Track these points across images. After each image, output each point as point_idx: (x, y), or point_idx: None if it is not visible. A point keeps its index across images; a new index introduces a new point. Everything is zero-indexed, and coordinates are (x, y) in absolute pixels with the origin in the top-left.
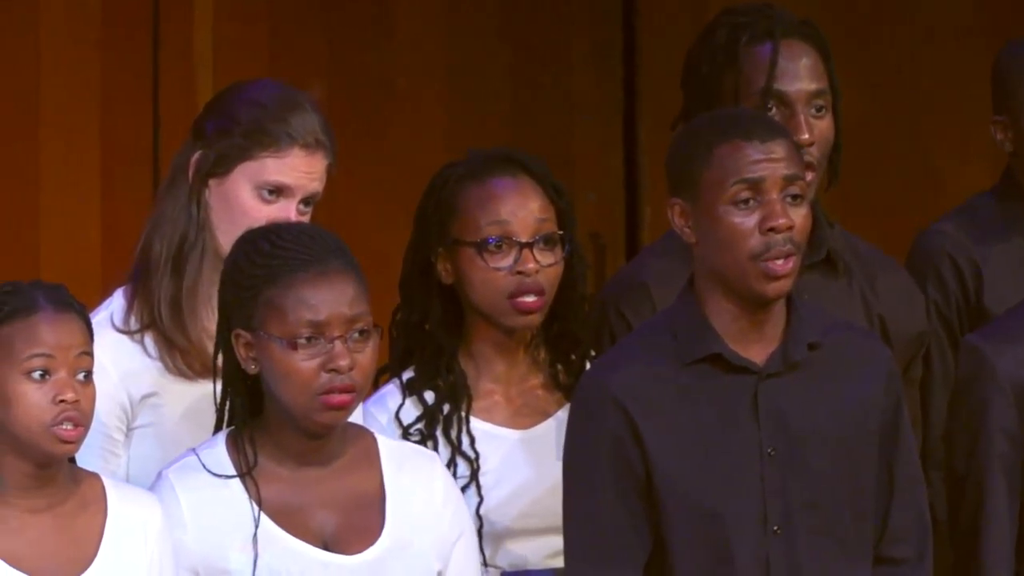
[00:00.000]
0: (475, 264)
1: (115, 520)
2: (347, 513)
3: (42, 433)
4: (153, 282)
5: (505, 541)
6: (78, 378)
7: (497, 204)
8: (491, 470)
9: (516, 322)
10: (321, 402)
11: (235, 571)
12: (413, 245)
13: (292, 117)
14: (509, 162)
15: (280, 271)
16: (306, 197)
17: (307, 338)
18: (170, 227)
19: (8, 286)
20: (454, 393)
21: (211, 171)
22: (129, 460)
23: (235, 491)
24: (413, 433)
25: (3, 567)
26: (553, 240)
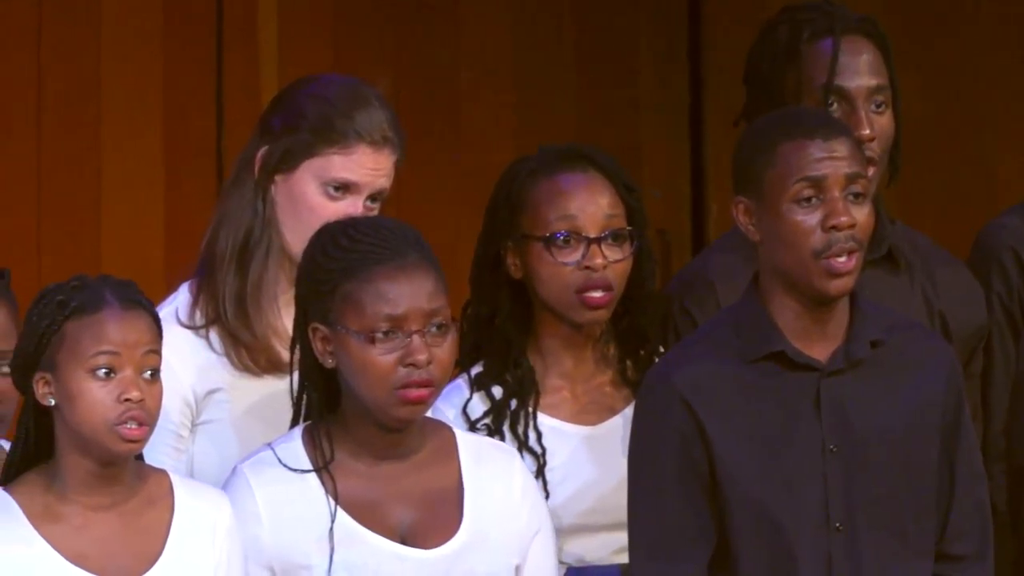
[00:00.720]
0: (543, 259)
1: (182, 517)
2: (425, 507)
3: (106, 432)
4: (218, 278)
5: (570, 537)
6: (144, 376)
7: (566, 199)
8: (557, 466)
9: (583, 317)
10: (399, 396)
11: (311, 566)
12: (483, 239)
13: (359, 113)
14: (579, 157)
15: (358, 265)
16: (373, 194)
17: (385, 332)
18: (235, 223)
19: (76, 280)
20: (522, 388)
21: (277, 167)
22: (193, 456)
23: (311, 486)
24: (480, 428)
25: (66, 566)
26: (622, 236)
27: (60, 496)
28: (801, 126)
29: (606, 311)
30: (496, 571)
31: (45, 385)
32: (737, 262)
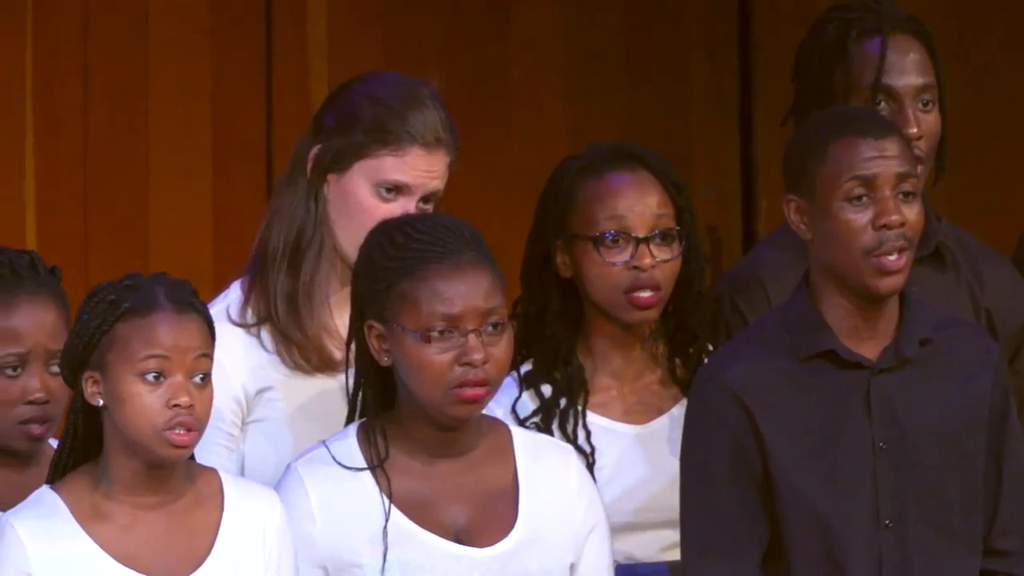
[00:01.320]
0: (592, 258)
1: (232, 516)
2: (480, 505)
3: (153, 436)
4: (270, 276)
5: (619, 535)
6: (195, 380)
7: (615, 199)
8: (606, 465)
9: (632, 317)
10: (454, 396)
11: (364, 565)
12: (533, 237)
13: (412, 115)
14: (628, 157)
15: (414, 263)
16: (426, 195)
17: (441, 331)
18: (287, 221)
19: (129, 279)
20: (571, 387)
21: (330, 166)
22: (244, 455)
23: (366, 484)
24: (529, 427)
25: (114, 565)
26: (671, 236)
27: (108, 495)
28: (852, 125)
29: (655, 311)
30: (550, 570)
31: (94, 385)
32: (787, 260)
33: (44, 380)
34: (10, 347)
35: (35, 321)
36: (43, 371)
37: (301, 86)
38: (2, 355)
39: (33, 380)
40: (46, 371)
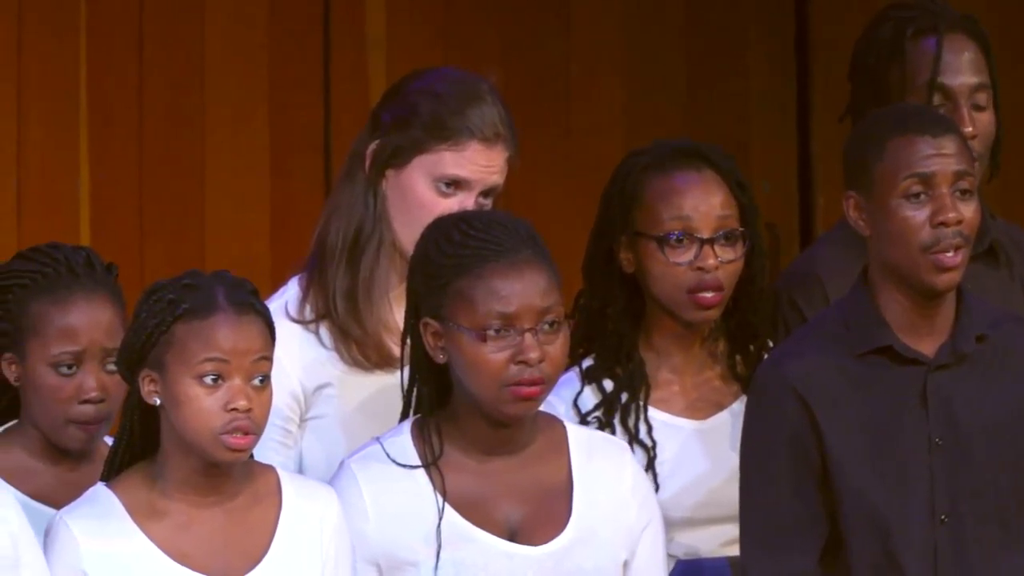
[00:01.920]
0: (656, 257)
1: (289, 514)
2: (534, 503)
3: (210, 440)
4: (329, 272)
5: (679, 530)
6: (254, 383)
7: (680, 198)
8: (667, 460)
9: (694, 317)
10: (510, 394)
11: (417, 563)
12: (596, 233)
13: (471, 110)
14: (695, 156)
15: (471, 261)
16: (485, 190)
17: (497, 330)
18: (346, 217)
19: (188, 278)
20: (633, 382)
21: (388, 162)
22: (302, 451)
23: (420, 481)
24: (591, 421)
25: (169, 563)
26: (734, 236)
27: (164, 493)
28: (911, 122)
29: (716, 311)
30: (603, 567)
31: (151, 384)
32: (844, 257)
33: (100, 379)
34: (66, 345)
35: (91, 319)
36: (99, 369)
37: (359, 82)
38: (57, 353)
39: (88, 378)
40: (102, 369)
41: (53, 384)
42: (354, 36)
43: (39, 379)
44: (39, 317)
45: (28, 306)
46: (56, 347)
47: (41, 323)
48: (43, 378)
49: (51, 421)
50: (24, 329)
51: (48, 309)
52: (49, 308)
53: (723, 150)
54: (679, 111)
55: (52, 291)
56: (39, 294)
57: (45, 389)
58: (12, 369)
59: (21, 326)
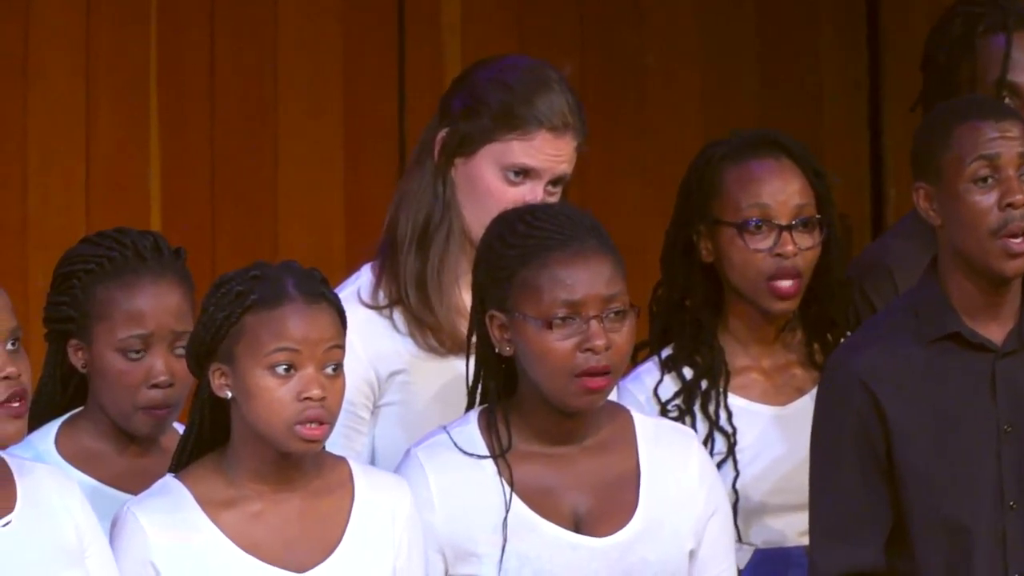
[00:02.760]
0: (735, 244)
1: (362, 505)
2: (601, 493)
3: (284, 431)
4: (399, 260)
5: (759, 517)
6: (326, 371)
7: (759, 186)
8: (748, 446)
9: (772, 305)
10: (578, 386)
11: (482, 554)
12: (675, 222)
13: (539, 99)
14: (772, 144)
15: (535, 251)
16: (554, 179)
17: (563, 318)
18: (415, 205)
19: (256, 269)
20: (712, 369)
21: (457, 150)
22: (375, 438)
23: (487, 472)
24: (671, 409)
25: (240, 555)
26: (812, 224)
27: (235, 484)
28: (974, 109)
29: (794, 301)
30: (669, 558)
31: (221, 377)
32: (914, 248)
33: (168, 362)
34: (134, 329)
35: (159, 303)
36: (167, 353)
37: (434, 72)
38: (125, 337)
39: (157, 363)
40: (170, 353)
41: (121, 369)
42: (429, 25)
43: (107, 364)
44: (106, 302)
45: (95, 291)
46: (123, 331)
47: (108, 308)
48: (111, 363)
49: (120, 407)
50: (91, 314)
51: (115, 293)
52: (116, 292)
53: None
54: (753, 103)
55: (119, 275)
56: (106, 279)
57: (113, 374)
58: (79, 355)
59: (87, 311)
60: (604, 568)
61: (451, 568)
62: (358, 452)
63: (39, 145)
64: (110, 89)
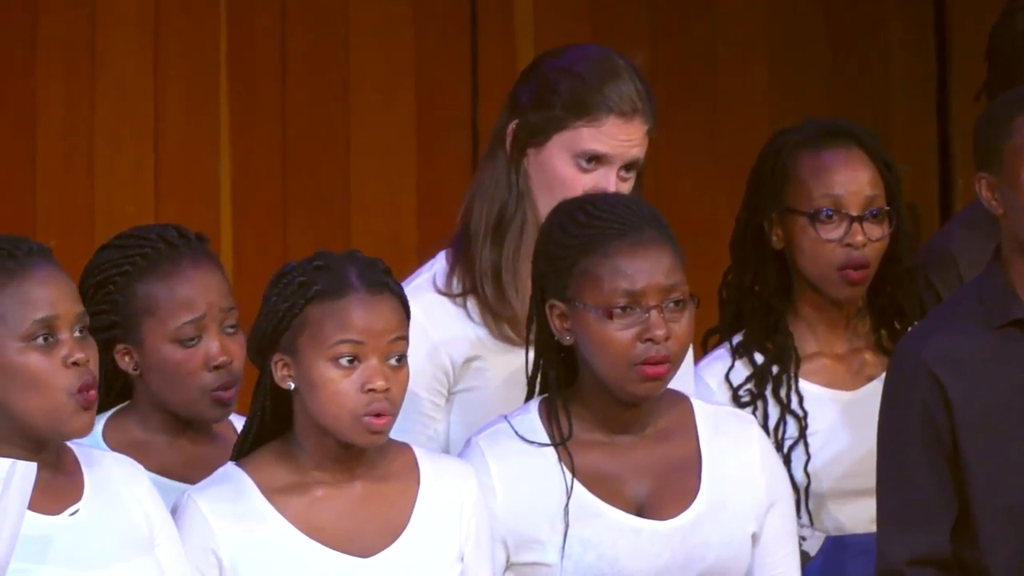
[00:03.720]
0: (806, 233)
1: (427, 492)
2: (662, 479)
3: (348, 423)
4: (474, 252)
5: (830, 501)
6: (390, 363)
7: (831, 176)
8: (818, 431)
9: (841, 294)
10: (637, 373)
11: (545, 541)
12: (746, 209)
13: (608, 86)
14: (845, 135)
15: (596, 241)
16: (626, 164)
17: (623, 307)
18: (489, 198)
19: (320, 259)
20: (783, 354)
21: (528, 141)
22: (449, 425)
23: (548, 460)
24: (743, 394)
25: (305, 541)
26: (881, 215)
27: (298, 472)
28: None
29: (862, 288)
30: (730, 541)
31: (284, 368)
32: (978, 237)
33: (223, 342)
34: (185, 315)
35: (203, 284)
36: (220, 333)
37: (507, 61)
38: (179, 325)
39: (213, 344)
40: (222, 333)
41: (179, 358)
42: (502, 14)
43: (163, 357)
44: (149, 297)
45: (134, 290)
46: (175, 320)
47: (153, 302)
48: (167, 355)
49: (185, 396)
50: (135, 314)
51: (157, 287)
52: (158, 286)
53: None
54: (822, 93)
55: (156, 269)
56: (143, 275)
57: (172, 365)
58: (127, 360)
59: (130, 312)
60: (667, 551)
61: (513, 556)
62: (431, 438)
63: (106, 132)
64: (179, 75)
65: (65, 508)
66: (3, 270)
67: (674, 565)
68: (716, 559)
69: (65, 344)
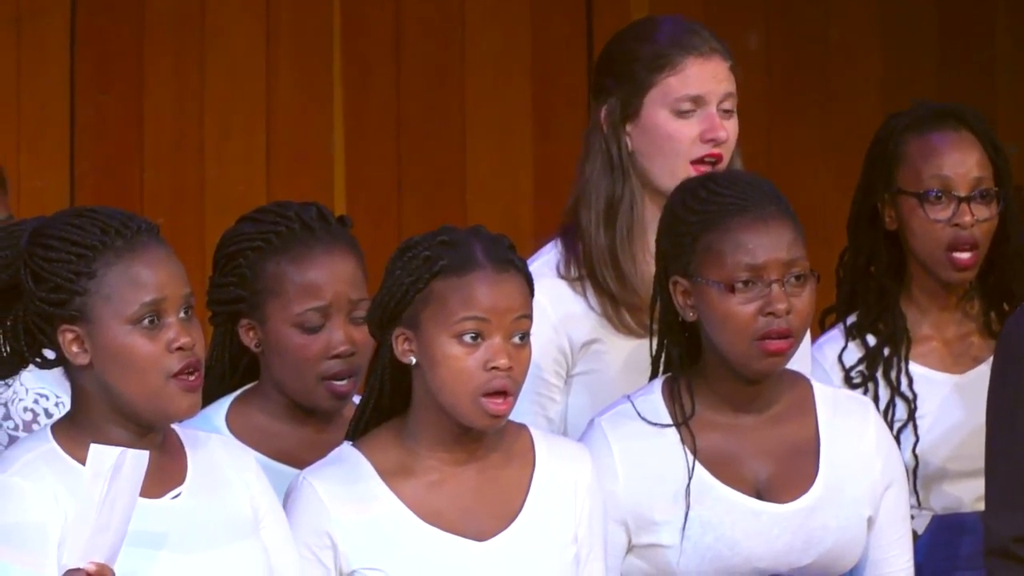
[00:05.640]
0: (916, 214)
1: (543, 474)
2: (781, 461)
3: (469, 402)
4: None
5: (938, 482)
6: (514, 341)
7: (939, 157)
8: (927, 412)
9: (951, 276)
10: (759, 348)
11: (665, 522)
12: (860, 191)
13: (680, 36)
14: (953, 117)
15: (718, 216)
16: (721, 100)
17: (745, 282)
18: (595, 189)
19: (444, 234)
20: (894, 336)
21: (624, 116)
22: (567, 408)
23: (670, 440)
24: (855, 375)
25: (420, 524)
26: (989, 195)
27: (414, 452)
28: None
29: (971, 272)
30: (847, 524)
31: (405, 342)
32: None
33: (348, 332)
34: (311, 302)
35: (334, 272)
36: (346, 323)
37: None
38: (302, 310)
39: (337, 333)
40: (348, 322)
41: (300, 343)
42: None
43: (284, 340)
44: (278, 277)
45: (264, 267)
46: (300, 305)
47: (281, 283)
48: (288, 338)
49: (302, 382)
50: (262, 292)
51: (287, 268)
52: (288, 267)
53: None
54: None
55: (289, 249)
56: (275, 254)
57: (292, 349)
58: (250, 335)
59: (258, 289)
60: (786, 534)
61: (634, 538)
62: (550, 419)
63: (217, 110)
64: (291, 53)
65: (167, 491)
66: (111, 249)
67: (792, 548)
68: (833, 543)
69: (171, 328)
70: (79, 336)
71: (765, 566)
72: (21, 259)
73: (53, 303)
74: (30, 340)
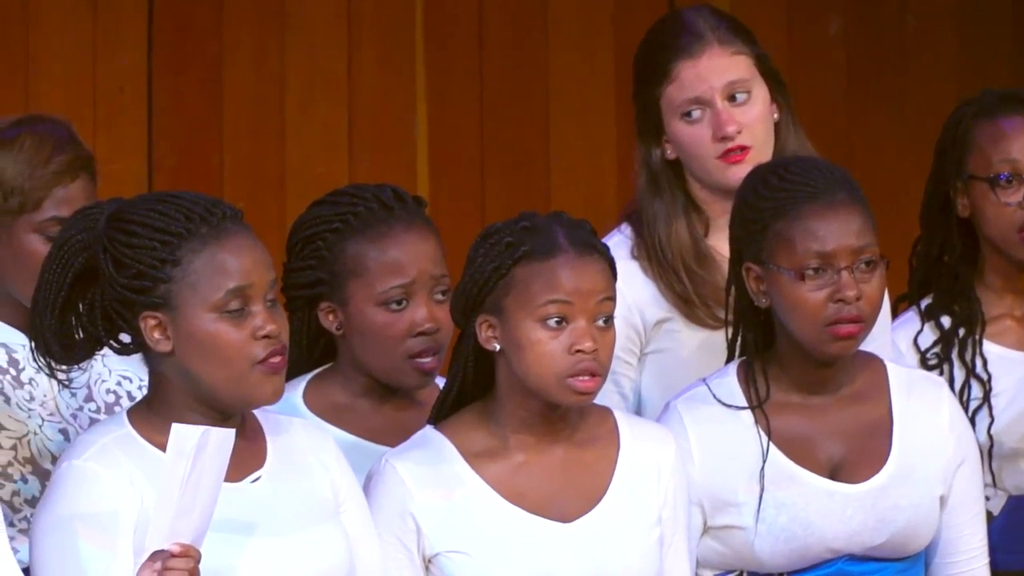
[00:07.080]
0: (987, 199)
1: (627, 456)
2: (855, 441)
3: (555, 384)
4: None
5: (1012, 462)
6: (598, 324)
7: (1008, 142)
8: (1002, 391)
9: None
10: (829, 333)
11: (740, 504)
12: (932, 179)
13: (667, 38)
14: (1020, 102)
15: (788, 203)
16: (724, 93)
17: (815, 269)
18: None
19: (526, 220)
20: (969, 318)
21: (650, 125)
22: (641, 386)
23: (745, 423)
24: (930, 357)
25: (505, 505)
26: None
27: (498, 435)
28: None
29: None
30: (920, 503)
31: (489, 329)
32: None
33: (431, 309)
34: (394, 279)
35: (415, 250)
36: (429, 300)
37: None
38: (386, 289)
39: (420, 310)
40: (431, 300)
41: (384, 322)
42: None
43: (368, 320)
44: (359, 258)
45: (344, 248)
46: (383, 284)
47: (363, 263)
48: (372, 318)
49: (387, 361)
50: (343, 273)
51: (367, 248)
52: (368, 247)
53: None
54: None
55: (368, 229)
56: (354, 235)
57: (376, 328)
58: (331, 318)
59: (338, 271)
60: (859, 514)
61: (709, 519)
62: (624, 396)
63: (298, 92)
64: (373, 35)
65: (247, 475)
66: (196, 236)
67: (865, 528)
68: (906, 522)
69: (257, 315)
70: (162, 323)
71: (839, 546)
72: (99, 243)
73: (136, 290)
74: (108, 325)
